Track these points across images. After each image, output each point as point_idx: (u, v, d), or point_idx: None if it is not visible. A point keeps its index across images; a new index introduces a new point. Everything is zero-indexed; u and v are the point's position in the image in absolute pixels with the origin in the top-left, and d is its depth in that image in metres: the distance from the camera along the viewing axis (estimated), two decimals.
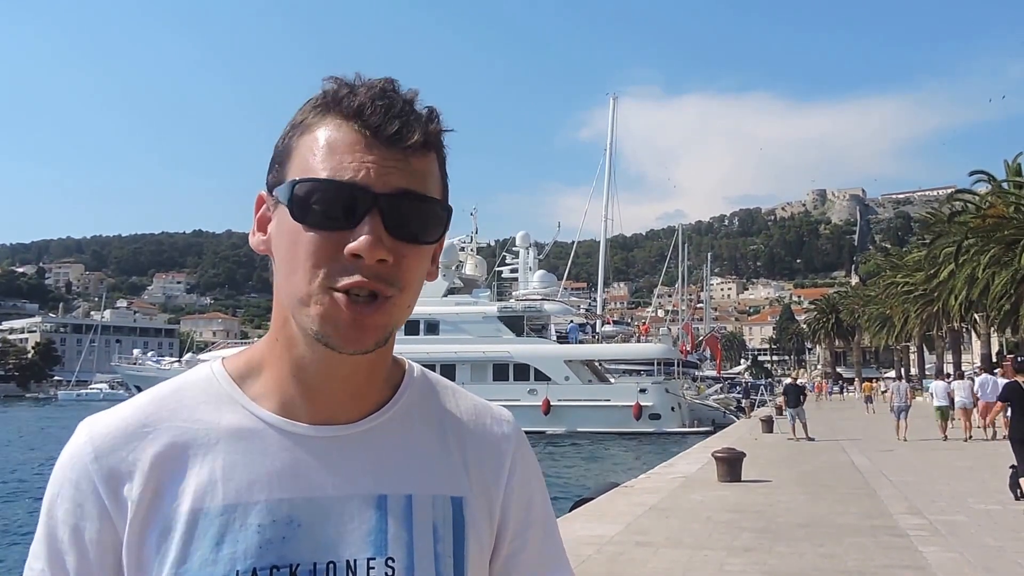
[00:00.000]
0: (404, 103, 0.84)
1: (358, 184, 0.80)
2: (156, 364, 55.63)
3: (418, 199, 0.83)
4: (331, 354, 0.83)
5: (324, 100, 0.85)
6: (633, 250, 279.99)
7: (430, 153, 0.85)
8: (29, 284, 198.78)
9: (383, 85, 0.85)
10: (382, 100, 0.83)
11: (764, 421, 24.51)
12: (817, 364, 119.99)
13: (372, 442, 0.89)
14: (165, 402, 0.88)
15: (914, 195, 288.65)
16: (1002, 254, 32.49)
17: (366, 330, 0.82)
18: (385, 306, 0.82)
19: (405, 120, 0.82)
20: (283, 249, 0.84)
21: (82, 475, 0.84)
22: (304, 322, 0.83)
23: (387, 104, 0.83)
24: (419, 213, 0.83)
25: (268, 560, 0.80)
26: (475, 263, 45.85)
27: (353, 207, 0.80)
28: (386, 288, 0.81)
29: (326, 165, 0.82)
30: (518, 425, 1.01)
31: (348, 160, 0.81)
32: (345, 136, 0.82)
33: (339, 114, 0.83)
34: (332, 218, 0.81)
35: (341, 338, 0.81)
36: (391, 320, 0.83)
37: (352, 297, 0.81)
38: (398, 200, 0.81)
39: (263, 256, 0.91)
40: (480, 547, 0.91)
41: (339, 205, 0.81)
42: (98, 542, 0.82)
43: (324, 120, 0.84)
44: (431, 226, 0.85)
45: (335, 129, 0.83)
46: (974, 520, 8.78)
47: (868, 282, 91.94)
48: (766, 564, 6.69)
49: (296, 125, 0.86)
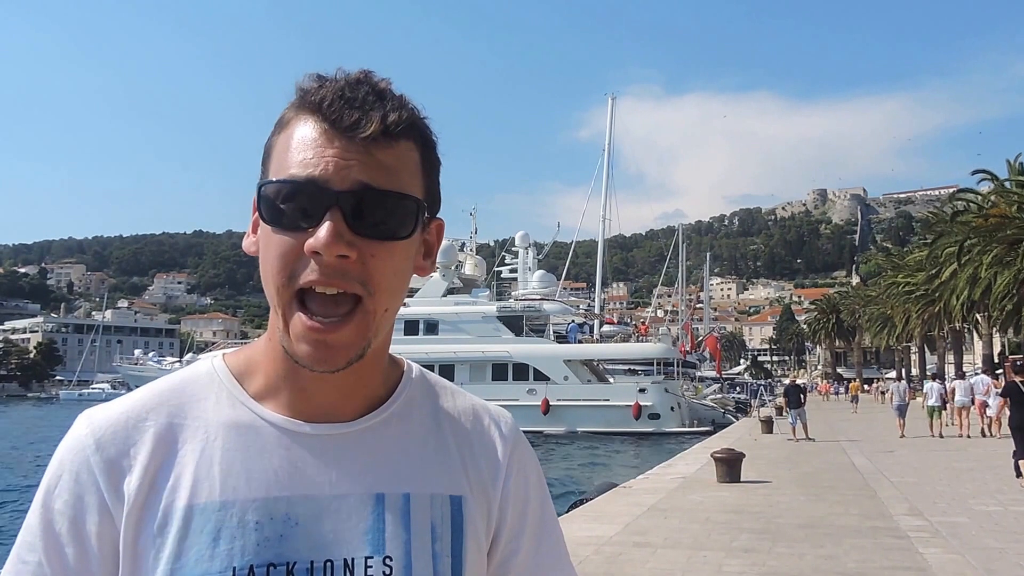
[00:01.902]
0: (370, 94, 0.81)
1: (316, 181, 0.79)
2: (157, 364, 55.78)
3: (382, 193, 0.80)
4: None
5: (299, 96, 0.84)
6: (632, 250, 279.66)
7: (397, 143, 0.82)
8: (31, 284, 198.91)
9: (356, 77, 0.83)
10: (347, 92, 0.81)
11: (764, 421, 24.54)
12: (817, 365, 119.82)
13: (370, 441, 0.88)
14: (165, 396, 0.87)
15: (915, 194, 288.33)
16: (1004, 254, 32.46)
17: (333, 350, 0.80)
18: (355, 320, 0.80)
19: (364, 110, 0.80)
20: (261, 253, 0.84)
21: (82, 466, 0.83)
22: (280, 338, 0.83)
23: (351, 96, 0.81)
24: (383, 208, 0.80)
25: (265, 558, 0.80)
26: (474, 263, 45.87)
27: (310, 205, 0.79)
28: (352, 285, 0.79)
29: (291, 164, 0.81)
30: (517, 426, 1.00)
31: (309, 156, 0.80)
32: (309, 132, 0.81)
33: (306, 109, 0.82)
34: (294, 218, 0.80)
35: (309, 359, 0.81)
36: (363, 335, 0.82)
37: (312, 312, 0.79)
38: (359, 195, 0.79)
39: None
40: (478, 546, 0.90)
41: (299, 204, 0.79)
42: (98, 535, 0.81)
43: (296, 117, 0.83)
44: (399, 221, 0.82)
45: (302, 125, 0.82)
46: (975, 522, 8.76)
47: (869, 282, 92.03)
48: (765, 565, 6.68)
49: (276, 124, 0.86)
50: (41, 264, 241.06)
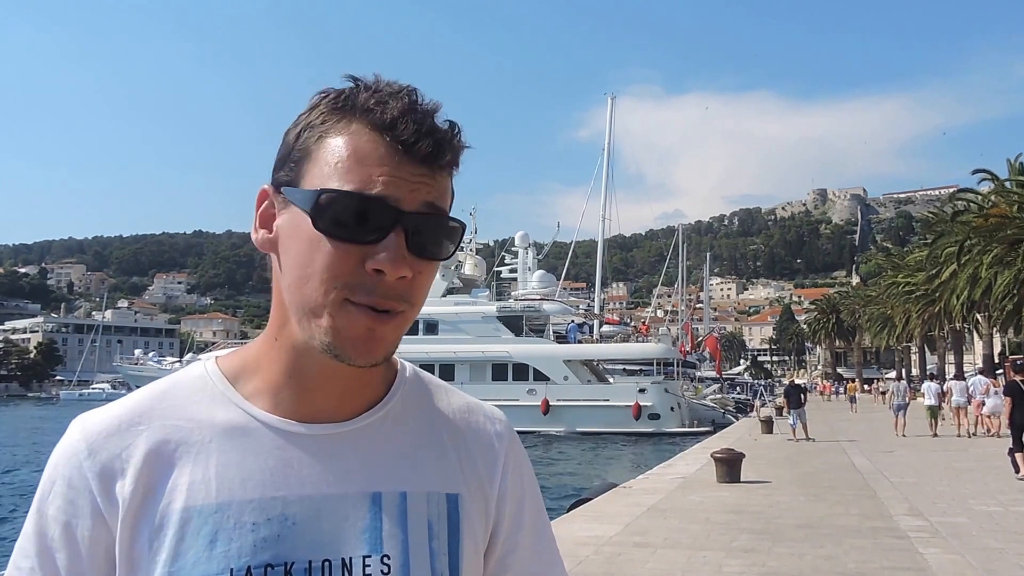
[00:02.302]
0: (431, 117, 0.83)
1: (386, 200, 0.80)
2: (158, 364, 55.81)
3: (439, 218, 0.83)
4: (334, 362, 0.83)
5: (347, 103, 0.83)
6: (632, 250, 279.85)
7: (451, 170, 0.85)
8: (31, 284, 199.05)
9: (409, 96, 0.83)
10: (412, 113, 0.82)
11: (763, 422, 24.57)
12: (817, 365, 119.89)
13: (366, 440, 0.88)
14: (158, 400, 0.87)
15: (916, 194, 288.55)
16: (1005, 254, 32.49)
17: (378, 343, 0.82)
18: (397, 320, 0.83)
19: (437, 139, 0.82)
20: (296, 254, 0.83)
21: (75, 472, 0.83)
22: (314, 333, 0.82)
23: (419, 119, 0.81)
24: (438, 231, 0.83)
25: (263, 558, 0.80)
26: (474, 263, 45.87)
27: (378, 222, 0.80)
28: (399, 304, 0.82)
29: (353, 177, 0.80)
30: (510, 424, 1.01)
31: (377, 174, 0.80)
32: (375, 149, 0.81)
33: (366, 123, 0.81)
34: (356, 232, 0.80)
35: (353, 351, 0.81)
36: (399, 334, 0.84)
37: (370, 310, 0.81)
38: (421, 218, 0.81)
39: (263, 255, 0.89)
40: (475, 544, 0.90)
41: (365, 219, 0.80)
42: (90, 540, 0.82)
43: (348, 126, 0.82)
44: (448, 243, 0.84)
45: (363, 139, 0.81)
46: (976, 522, 8.76)
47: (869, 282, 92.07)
48: (765, 565, 6.68)
49: (314, 125, 0.84)
50: (41, 264, 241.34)
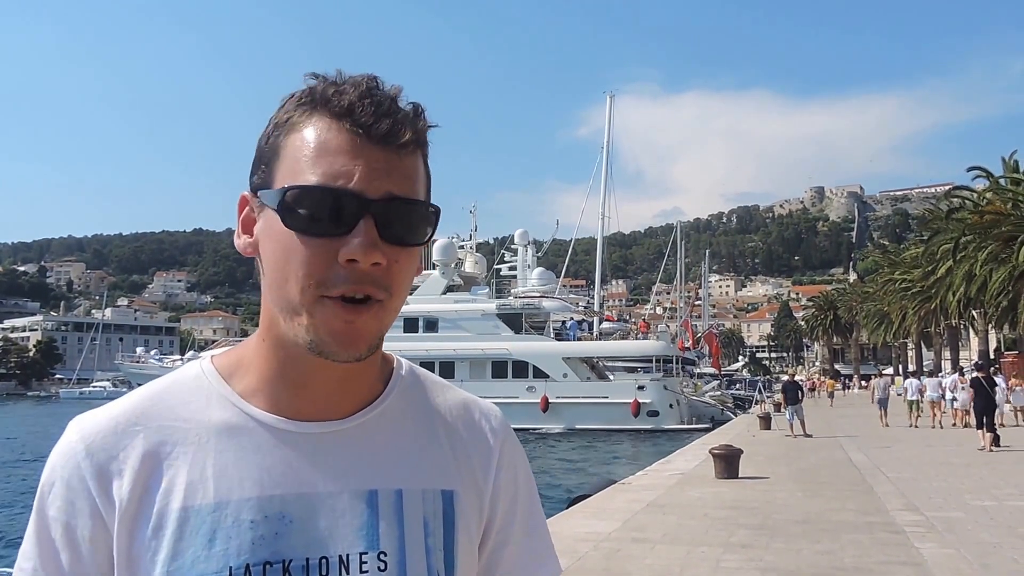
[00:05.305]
0: (391, 100, 0.83)
1: (351, 190, 0.79)
2: (159, 362, 55.70)
3: (408, 202, 0.82)
4: (321, 360, 0.83)
5: (310, 97, 0.83)
6: (631, 247, 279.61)
7: (418, 151, 0.85)
8: (31, 283, 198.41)
9: (368, 83, 0.83)
10: (370, 98, 0.81)
11: (762, 418, 24.59)
12: (815, 361, 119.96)
13: (361, 437, 0.90)
14: (155, 400, 0.88)
15: (912, 192, 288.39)
16: (1000, 250, 32.53)
17: (359, 335, 0.81)
18: (375, 310, 0.82)
19: (395, 118, 0.81)
20: (273, 255, 0.83)
21: (73, 472, 0.84)
22: (296, 332, 0.82)
23: (376, 102, 0.81)
24: (409, 216, 0.82)
25: (261, 556, 0.80)
26: (474, 261, 45.84)
27: (346, 213, 0.79)
28: (376, 291, 0.81)
29: (316, 168, 0.80)
30: (506, 420, 1.02)
31: (339, 163, 0.79)
32: (335, 137, 0.80)
33: (327, 113, 0.81)
34: (324, 225, 0.79)
35: (335, 346, 0.81)
36: (382, 325, 0.84)
37: (345, 300, 0.80)
38: (389, 204, 0.80)
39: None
40: (469, 539, 0.92)
41: (331, 211, 0.79)
42: (90, 540, 0.82)
43: (311, 119, 0.82)
44: (421, 228, 0.84)
45: (324, 129, 0.81)
46: (971, 516, 8.80)
47: (866, 279, 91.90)
48: (763, 560, 6.71)
49: (281, 124, 0.84)
50: (41, 262, 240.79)
